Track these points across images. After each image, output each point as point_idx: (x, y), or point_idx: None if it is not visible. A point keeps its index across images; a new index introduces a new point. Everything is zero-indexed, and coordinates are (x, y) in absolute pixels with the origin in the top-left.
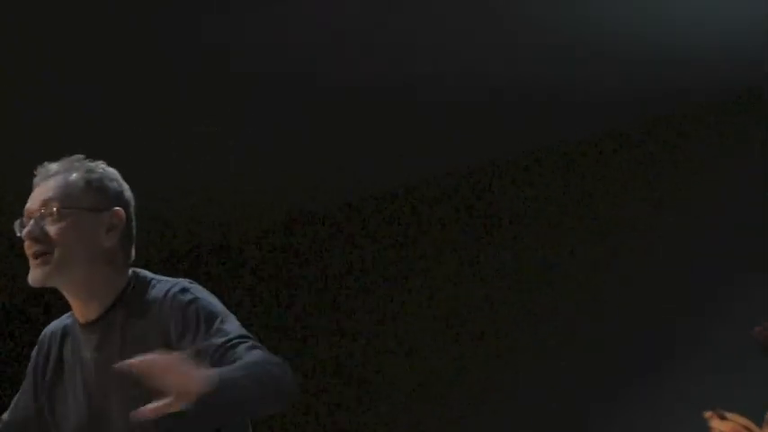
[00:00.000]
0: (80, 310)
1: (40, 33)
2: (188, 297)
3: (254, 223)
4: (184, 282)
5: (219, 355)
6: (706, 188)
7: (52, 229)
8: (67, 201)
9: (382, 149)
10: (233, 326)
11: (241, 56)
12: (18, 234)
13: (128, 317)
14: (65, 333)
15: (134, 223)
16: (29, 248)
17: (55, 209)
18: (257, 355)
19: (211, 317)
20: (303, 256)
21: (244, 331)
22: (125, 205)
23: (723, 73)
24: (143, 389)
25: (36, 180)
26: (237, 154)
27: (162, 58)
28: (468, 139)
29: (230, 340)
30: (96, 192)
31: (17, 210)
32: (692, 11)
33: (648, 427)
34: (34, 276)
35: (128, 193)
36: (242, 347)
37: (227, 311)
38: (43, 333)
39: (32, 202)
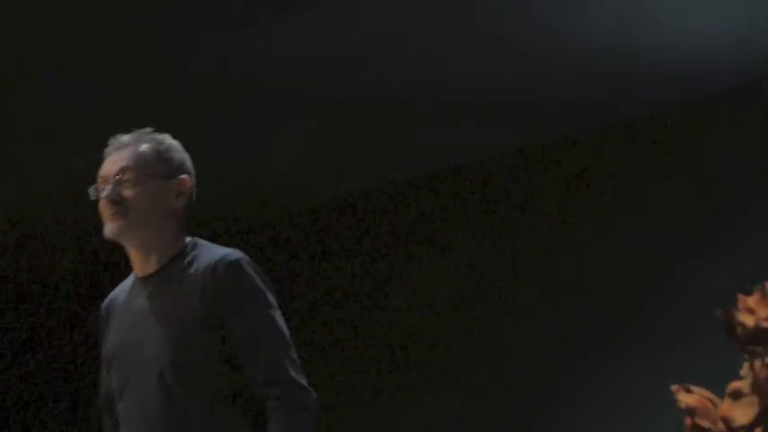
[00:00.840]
0: (140, 265)
1: (40, 33)
2: (237, 270)
3: (253, 223)
4: (238, 253)
5: (259, 388)
6: (706, 188)
7: (129, 193)
8: (141, 168)
9: (381, 149)
10: (271, 338)
11: (241, 56)
12: (92, 198)
13: (182, 272)
14: (121, 293)
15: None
16: (107, 209)
17: (131, 175)
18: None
19: (256, 309)
20: (302, 255)
21: (279, 355)
22: (189, 173)
23: (723, 73)
24: (182, 338)
25: (108, 150)
26: (237, 154)
27: (162, 58)
28: (467, 138)
29: (264, 381)
30: (165, 161)
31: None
32: (693, 11)
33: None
34: (111, 229)
35: (189, 162)
36: (272, 404)
37: (269, 298)
38: (103, 302)
39: (108, 169)
